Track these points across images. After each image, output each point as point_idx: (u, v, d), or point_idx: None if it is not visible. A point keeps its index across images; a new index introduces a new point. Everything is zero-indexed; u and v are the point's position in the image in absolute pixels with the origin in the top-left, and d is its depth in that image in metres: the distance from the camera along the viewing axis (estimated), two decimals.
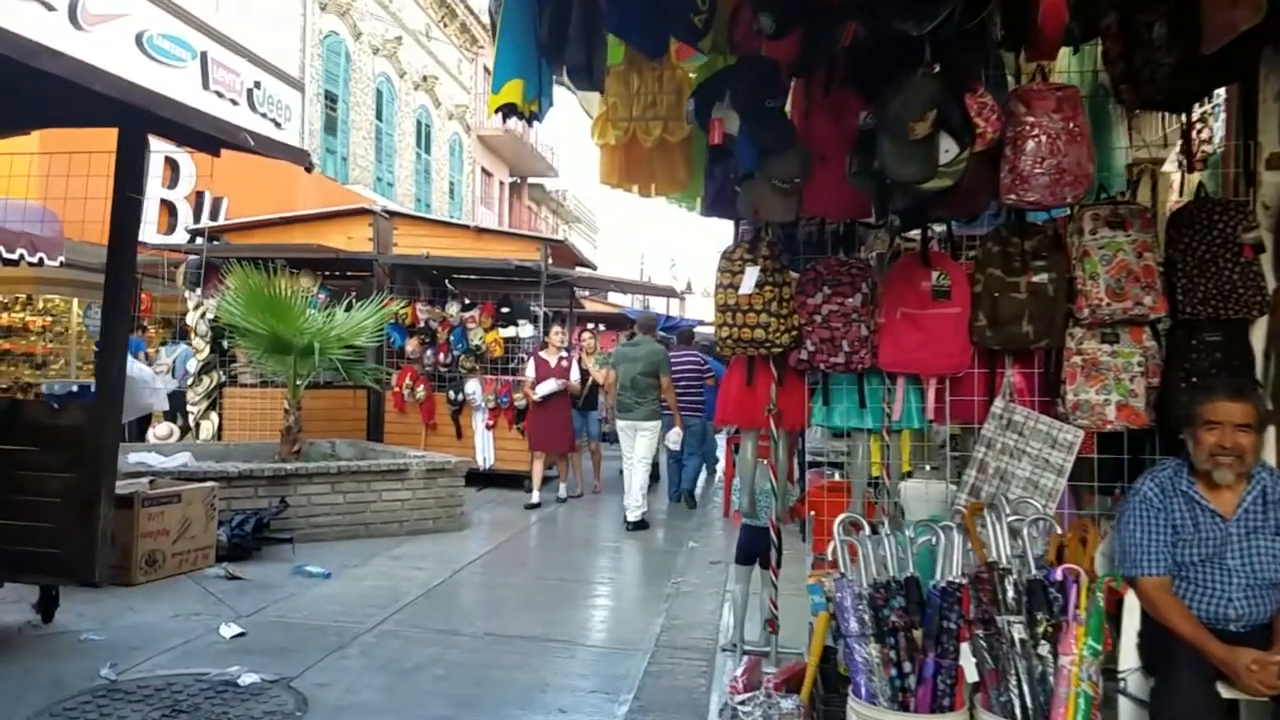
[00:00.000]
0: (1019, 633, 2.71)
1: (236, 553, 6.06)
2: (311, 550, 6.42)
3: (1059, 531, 2.94)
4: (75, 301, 13.68)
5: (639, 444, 8.17)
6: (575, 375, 9.09)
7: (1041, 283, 3.43)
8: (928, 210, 3.36)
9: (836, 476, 4.35)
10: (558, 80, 3.80)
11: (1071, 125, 3.27)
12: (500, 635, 4.76)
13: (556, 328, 9.36)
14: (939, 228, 3.91)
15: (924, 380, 3.71)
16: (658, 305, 24.59)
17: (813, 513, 4.13)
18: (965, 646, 2.73)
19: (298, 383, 7.71)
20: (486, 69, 26.85)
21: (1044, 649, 2.71)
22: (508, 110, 3.05)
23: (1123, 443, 3.49)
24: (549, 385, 8.88)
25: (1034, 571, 2.81)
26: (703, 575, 6.21)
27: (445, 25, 23.54)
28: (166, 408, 8.48)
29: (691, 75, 3.96)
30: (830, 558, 3.05)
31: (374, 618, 4.94)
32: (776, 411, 3.88)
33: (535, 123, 3.24)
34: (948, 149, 2.62)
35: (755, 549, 4.35)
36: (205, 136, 4.07)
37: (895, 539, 2.98)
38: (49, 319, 13.59)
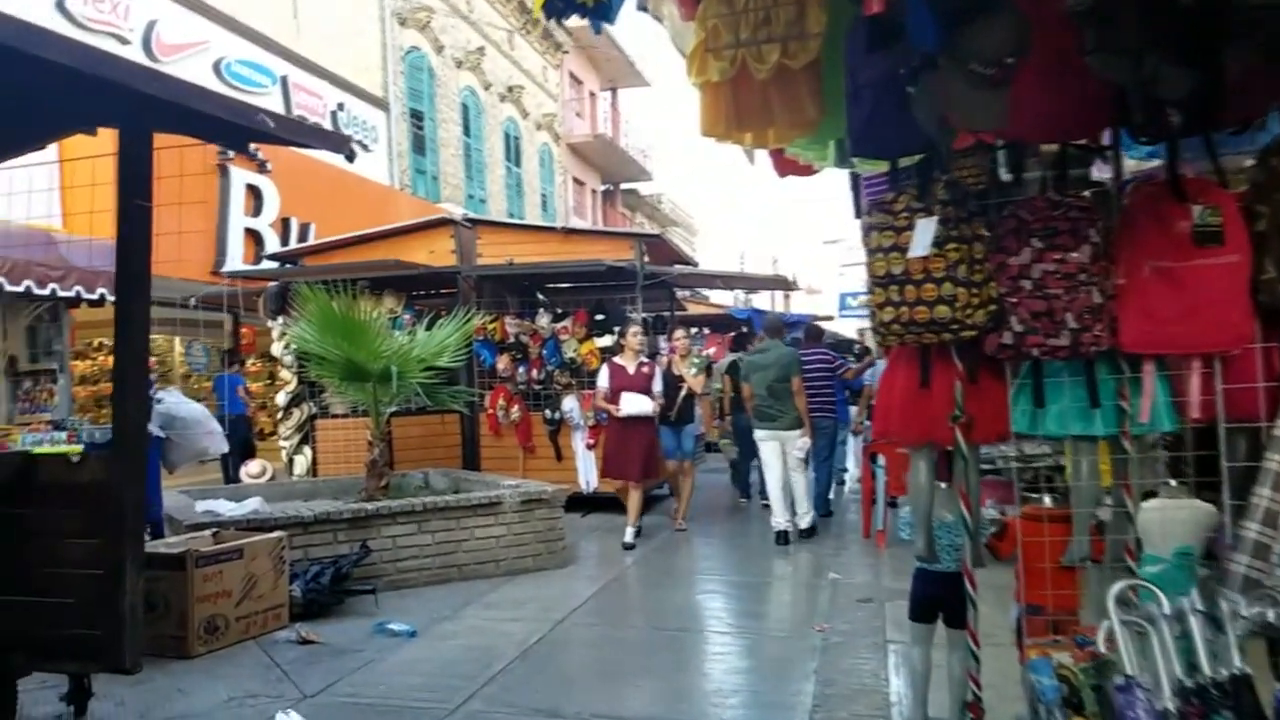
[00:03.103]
0: None
1: (313, 609, 5.33)
2: (397, 600, 5.66)
3: None
4: (176, 340, 13.62)
5: (791, 454, 7.32)
6: (658, 385, 7.59)
7: None
8: (1210, 107, 2.26)
9: (1050, 501, 3.23)
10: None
11: None
12: (612, 718, 3.83)
13: (635, 328, 7.84)
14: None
15: (1182, 362, 2.61)
16: (761, 301, 23.32)
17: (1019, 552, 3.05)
18: None
19: (381, 410, 7.03)
20: (572, 74, 26.32)
21: None
22: (563, 5, 2.12)
23: None
24: (640, 403, 7.39)
25: None
26: (853, 618, 5.11)
27: (528, 31, 23.04)
28: (226, 450, 7.92)
29: None
30: (1103, 645, 1.98)
31: (461, 692, 4.09)
32: (966, 419, 2.83)
33: (605, 23, 2.29)
34: None
35: (937, 602, 3.28)
36: (213, 120, 3.29)
37: (1206, 613, 1.91)
38: (153, 359, 13.54)
